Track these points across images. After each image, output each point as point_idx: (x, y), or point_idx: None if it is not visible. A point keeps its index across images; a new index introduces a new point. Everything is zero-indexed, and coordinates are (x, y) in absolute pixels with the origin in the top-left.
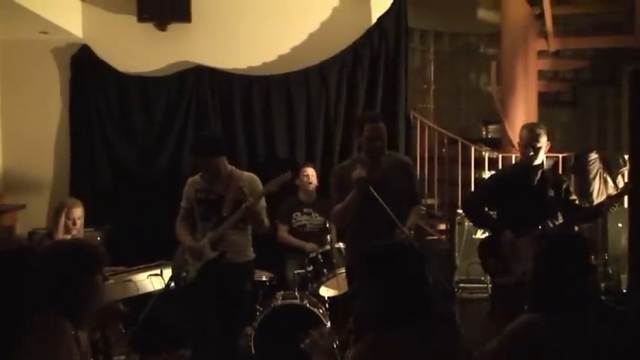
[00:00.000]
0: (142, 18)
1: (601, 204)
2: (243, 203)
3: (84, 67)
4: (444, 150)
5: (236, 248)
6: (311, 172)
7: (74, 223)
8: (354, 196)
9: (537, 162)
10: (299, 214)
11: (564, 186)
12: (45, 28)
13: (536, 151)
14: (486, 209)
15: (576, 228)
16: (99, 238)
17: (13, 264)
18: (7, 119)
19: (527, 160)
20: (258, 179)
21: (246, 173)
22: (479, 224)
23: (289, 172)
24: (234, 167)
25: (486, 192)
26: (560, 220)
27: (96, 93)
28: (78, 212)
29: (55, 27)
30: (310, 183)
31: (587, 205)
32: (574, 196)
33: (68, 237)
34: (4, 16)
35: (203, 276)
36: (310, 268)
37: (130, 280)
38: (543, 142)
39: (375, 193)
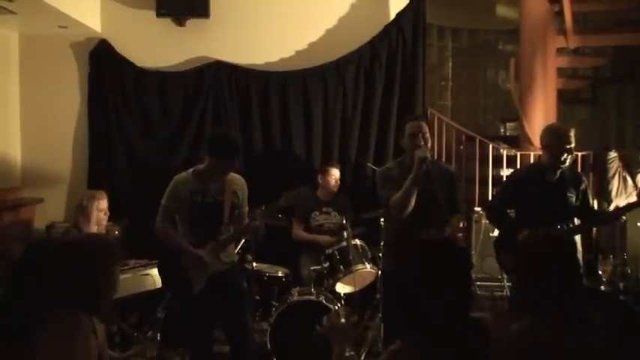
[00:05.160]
0: (160, 13)
1: (617, 211)
2: (236, 208)
3: (102, 62)
4: (461, 147)
5: (227, 252)
6: (336, 175)
7: (105, 214)
8: (415, 176)
9: (568, 164)
10: (318, 213)
11: (582, 187)
12: (64, 22)
13: (570, 152)
14: (508, 211)
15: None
16: (117, 232)
17: (32, 259)
18: (26, 113)
19: (556, 163)
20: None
21: (235, 175)
22: (502, 228)
23: (304, 186)
24: None
25: (505, 195)
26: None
27: (114, 87)
28: (106, 203)
29: (74, 22)
30: (335, 184)
31: (606, 203)
32: (590, 199)
33: (100, 228)
34: (24, 11)
35: (209, 288)
36: (326, 265)
37: (148, 274)
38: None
39: (431, 175)
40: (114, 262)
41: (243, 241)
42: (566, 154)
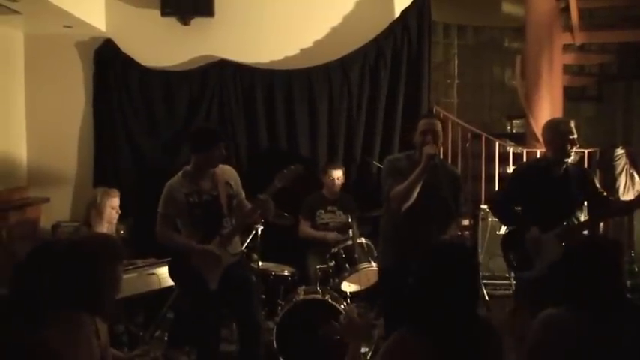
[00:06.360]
0: (165, 12)
1: (631, 203)
2: (233, 198)
3: (107, 61)
4: (467, 145)
5: (233, 244)
6: (337, 175)
7: (117, 212)
8: (421, 171)
9: (573, 156)
10: (323, 212)
11: (589, 179)
12: (69, 22)
13: (574, 143)
14: (512, 206)
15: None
16: (122, 232)
17: (35, 258)
18: (32, 113)
19: (561, 156)
20: None
21: (224, 167)
22: (506, 222)
23: (299, 165)
24: None
25: (510, 189)
26: (584, 215)
27: (119, 87)
28: (118, 201)
29: (79, 21)
30: (337, 185)
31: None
32: (599, 189)
33: (111, 226)
34: (29, 11)
35: (221, 284)
36: (332, 263)
37: (153, 274)
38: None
39: (438, 171)
40: (117, 262)
41: (250, 239)
42: (570, 146)
